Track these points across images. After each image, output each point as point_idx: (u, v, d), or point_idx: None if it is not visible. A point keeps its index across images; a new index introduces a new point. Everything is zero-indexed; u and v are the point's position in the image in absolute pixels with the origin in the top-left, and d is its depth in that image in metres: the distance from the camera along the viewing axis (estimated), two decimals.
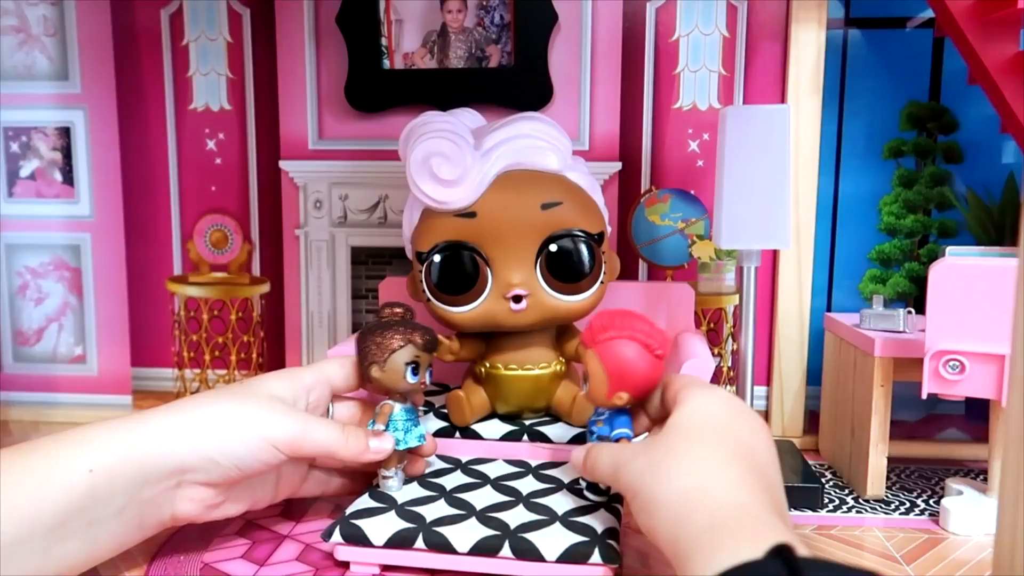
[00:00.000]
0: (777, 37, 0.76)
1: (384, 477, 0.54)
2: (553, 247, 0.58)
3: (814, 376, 0.78)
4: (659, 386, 0.50)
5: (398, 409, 0.54)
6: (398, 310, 0.55)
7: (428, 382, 0.54)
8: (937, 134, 0.76)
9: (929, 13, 0.74)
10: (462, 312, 0.59)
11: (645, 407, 0.51)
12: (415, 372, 0.53)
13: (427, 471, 0.57)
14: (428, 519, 0.49)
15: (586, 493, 0.53)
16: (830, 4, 0.75)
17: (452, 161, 0.56)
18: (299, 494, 0.57)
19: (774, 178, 0.62)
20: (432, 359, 0.55)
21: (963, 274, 0.56)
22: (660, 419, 0.50)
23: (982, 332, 0.55)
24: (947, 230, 0.76)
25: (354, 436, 0.51)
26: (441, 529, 0.48)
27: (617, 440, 0.50)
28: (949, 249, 0.59)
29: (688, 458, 0.41)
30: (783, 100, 0.76)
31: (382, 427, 0.53)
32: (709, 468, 0.40)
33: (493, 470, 0.58)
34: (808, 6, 0.74)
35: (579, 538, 0.47)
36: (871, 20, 0.76)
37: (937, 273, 0.56)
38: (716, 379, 0.80)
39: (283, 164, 0.83)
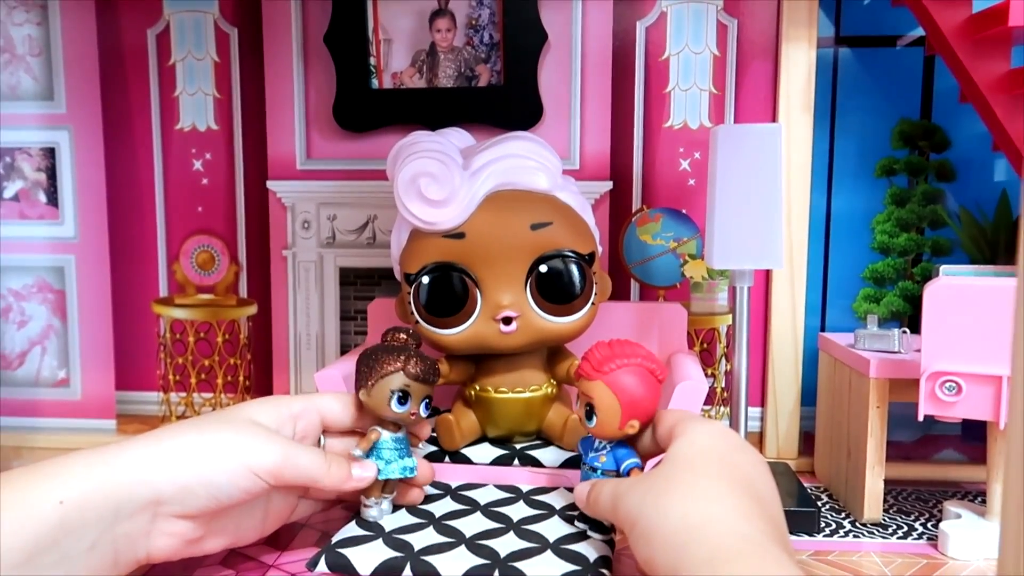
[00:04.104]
0: (768, 56, 0.76)
1: (365, 506, 0.52)
2: (543, 268, 0.57)
3: (809, 396, 0.77)
4: (652, 419, 0.49)
5: (386, 437, 0.52)
6: (402, 336, 0.53)
7: (422, 414, 0.52)
8: (929, 152, 0.75)
9: (920, 32, 0.74)
10: (451, 334, 0.58)
11: (637, 444, 0.50)
12: (401, 401, 0.51)
13: None
14: (416, 547, 0.48)
15: (589, 533, 0.50)
16: (820, 23, 0.75)
17: (440, 181, 0.56)
18: (291, 520, 0.55)
19: (766, 197, 0.61)
20: (429, 391, 0.52)
21: (958, 294, 0.55)
22: (651, 454, 0.50)
23: (978, 353, 0.54)
24: (940, 248, 0.75)
25: (336, 464, 0.50)
26: (430, 558, 0.47)
27: (628, 472, 0.49)
28: (943, 268, 0.59)
29: (688, 488, 0.40)
30: (774, 119, 0.76)
31: (361, 453, 0.51)
32: (710, 498, 0.39)
33: (483, 496, 0.57)
34: (798, 25, 0.74)
35: (571, 567, 0.46)
36: (862, 39, 0.76)
37: (932, 293, 0.56)
38: (710, 400, 0.79)
39: (271, 184, 0.82)
